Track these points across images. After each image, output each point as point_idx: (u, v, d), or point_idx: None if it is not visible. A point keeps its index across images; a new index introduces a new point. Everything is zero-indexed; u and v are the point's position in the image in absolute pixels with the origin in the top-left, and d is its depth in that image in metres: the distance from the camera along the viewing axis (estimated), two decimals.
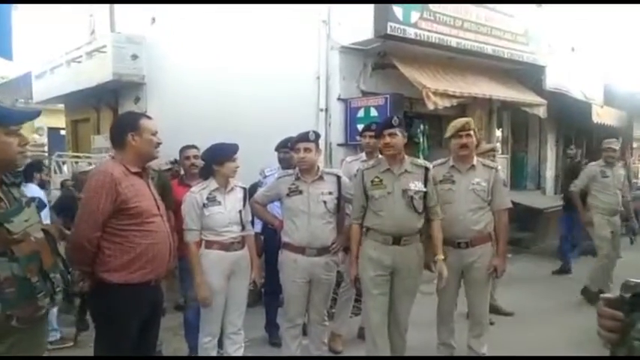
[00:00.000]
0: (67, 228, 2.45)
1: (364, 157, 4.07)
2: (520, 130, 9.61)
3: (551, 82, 7.85)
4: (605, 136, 6.40)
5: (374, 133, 3.65)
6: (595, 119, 8.71)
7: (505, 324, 4.62)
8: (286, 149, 3.88)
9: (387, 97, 6.04)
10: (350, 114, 6.32)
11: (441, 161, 3.58)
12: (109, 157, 2.60)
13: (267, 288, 4.21)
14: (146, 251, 2.38)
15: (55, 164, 9.01)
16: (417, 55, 6.48)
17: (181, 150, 4.00)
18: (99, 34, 11.04)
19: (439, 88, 6.18)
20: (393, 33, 5.78)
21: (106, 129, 9.00)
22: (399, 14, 5.81)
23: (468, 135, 3.40)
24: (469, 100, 6.79)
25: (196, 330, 3.30)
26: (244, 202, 3.24)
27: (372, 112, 6.03)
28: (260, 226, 4.07)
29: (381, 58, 6.49)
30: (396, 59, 6.33)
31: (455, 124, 3.48)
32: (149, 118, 2.58)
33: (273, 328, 4.28)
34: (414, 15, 5.95)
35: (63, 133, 14.63)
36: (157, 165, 3.67)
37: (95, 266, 2.34)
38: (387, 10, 5.75)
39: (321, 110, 6.36)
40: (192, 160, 3.84)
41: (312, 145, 3.23)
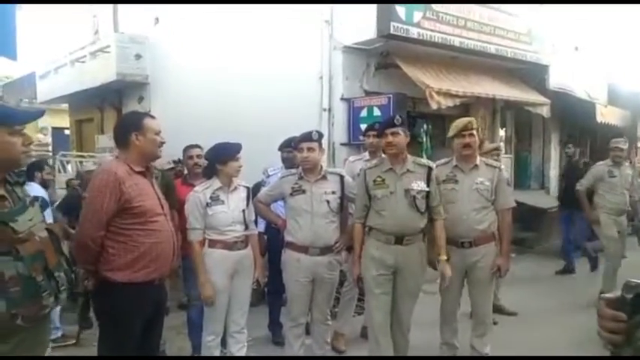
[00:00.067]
0: (73, 227, 2.46)
1: (367, 156, 4.07)
2: (524, 130, 9.56)
3: (555, 81, 7.81)
4: (610, 136, 6.35)
5: (377, 132, 3.66)
6: (599, 119, 8.66)
7: (508, 324, 4.61)
8: (289, 149, 3.88)
9: (390, 96, 6.02)
10: (353, 114, 6.32)
11: (444, 161, 3.57)
12: (112, 156, 2.61)
13: (271, 287, 4.22)
14: (150, 250, 2.39)
15: (60, 164, 9.06)
16: (419, 55, 6.46)
17: (185, 149, 4.01)
18: (102, 34, 11.10)
19: (442, 87, 6.16)
20: (395, 33, 5.77)
21: (110, 129, 9.01)
22: (401, 14, 5.80)
23: (470, 134, 3.39)
24: (472, 100, 6.77)
25: (200, 329, 3.31)
26: (248, 202, 3.25)
27: (375, 112, 6.02)
28: (263, 226, 4.09)
29: (384, 57, 6.48)
30: (399, 59, 6.32)
31: (457, 123, 3.47)
32: (153, 117, 2.59)
33: (276, 327, 4.28)
34: (416, 15, 5.94)
35: (67, 132, 14.71)
36: (159, 164, 3.68)
37: (99, 265, 2.36)
38: (390, 10, 5.74)
39: (324, 110, 6.36)
40: (196, 160, 3.86)
41: (315, 145, 3.23)
